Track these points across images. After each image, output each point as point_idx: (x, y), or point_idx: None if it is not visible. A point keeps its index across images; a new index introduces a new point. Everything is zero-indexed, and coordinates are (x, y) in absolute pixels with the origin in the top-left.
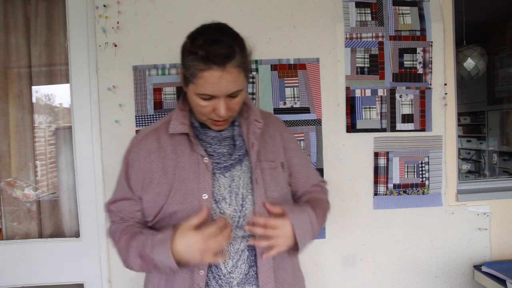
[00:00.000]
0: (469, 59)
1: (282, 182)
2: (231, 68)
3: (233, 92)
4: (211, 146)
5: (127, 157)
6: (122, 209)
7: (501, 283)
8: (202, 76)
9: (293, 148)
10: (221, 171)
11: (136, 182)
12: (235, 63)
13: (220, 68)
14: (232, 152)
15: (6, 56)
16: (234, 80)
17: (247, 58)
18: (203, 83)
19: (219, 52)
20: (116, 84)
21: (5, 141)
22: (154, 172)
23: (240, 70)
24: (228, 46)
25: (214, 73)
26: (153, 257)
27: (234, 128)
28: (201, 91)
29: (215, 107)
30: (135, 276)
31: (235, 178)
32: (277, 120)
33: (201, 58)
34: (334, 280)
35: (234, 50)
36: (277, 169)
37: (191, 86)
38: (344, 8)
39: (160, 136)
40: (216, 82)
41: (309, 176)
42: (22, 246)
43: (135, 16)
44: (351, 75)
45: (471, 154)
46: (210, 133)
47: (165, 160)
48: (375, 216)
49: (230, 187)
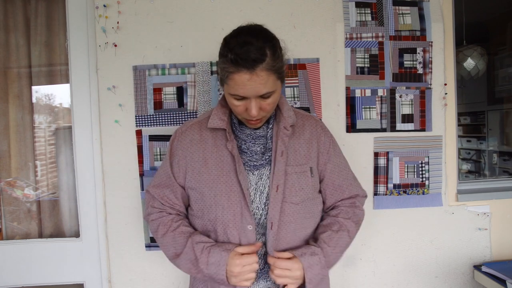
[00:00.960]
0: (469, 59)
1: (308, 187)
2: (260, 71)
3: (263, 94)
4: (246, 143)
5: (171, 146)
6: (163, 195)
7: (501, 283)
8: (232, 78)
9: (329, 154)
10: (251, 169)
11: (178, 169)
12: (264, 66)
13: (248, 71)
14: (264, 152)
15: (6, 56)
16: (264, 83)
17: (279, 60)
18: (234, 84)
19: (248, 55)
20: (116, 84)
21: (5, 141)
22: (195, 161)
23: (270, 73)
24: (258, 49)
25: (243, 76)
26: (207, 273)
27: (268, 129)
28: (233, 91)
29: (247, 107)
30: (135, 276)
31: (263, 177)
32: (317, 123)
33: (230, 61)
34: (334, 280)
35: (264, 54)
36: (305, 173)
37: (225, 86)
38: (344, 8)
39: (202, 129)
40: (246, 84)
41: (342, 186)
42: (22, 246)
43: (135, 16)
44: (351, 75)
45: (471, 154)
46: (245, 130)
47: (205, 152)
48: (375, 216)
49: (257, 185)
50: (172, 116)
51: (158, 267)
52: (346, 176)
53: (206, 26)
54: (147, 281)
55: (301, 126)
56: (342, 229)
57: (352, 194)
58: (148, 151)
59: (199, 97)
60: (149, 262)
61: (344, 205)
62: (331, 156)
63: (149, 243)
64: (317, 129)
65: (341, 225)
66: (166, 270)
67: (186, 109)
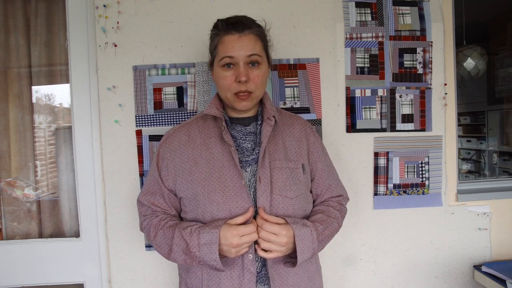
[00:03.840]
0: (469, 59)
1: (301, 183)
2: (248, 34)
3: (251, 54)
4: (237, 140)
5: (159, 150)
6: (153, 201)
7: (501, 283)
8: (222, 41)
9: (319, 153)
10: (243, 166)
11: (166, 173)
12: (252, 31)
13: (238, 32)
14: (255, 148)
15: (6, 56)
16: (252, 44)
17: (265, 34)
18: (223, 47)
19: (236, 19)
20: (116, 84)
21: (5, 141)
22: (185, 162)
23: (258, 39)
24: (245, 18)
25: (232, 37)
26: (199, 256)
27: (258, 125)
28: (222, 54)
29: (236, 75)
30: (135, 276)
31: (255, 173)
32: (305, 123)
33: (221, 27)
34: (334, 280)
35: (252, 22)
36: (297, 170)
37: (215, 62)
38: (344, 8)
39: (190, 130)
40: (235, 43)
41: (331, 185)
42: (22, 246)
43: (135, 16)
44: (351, 75)
45: (471, 154)
46: (236, 127)
47: (194, 151)
48: (375, 216)
49: (250, 182)
50: (172, 116)
51: (158, 267)
52: (334, 177)
53: (206, 26)
54: (147, 281)
55: (291, 124)
56: (332, 216)
57: (339, 194)
58: (148, 151)
59: (199, 97)
60: (149, 262)
61: (333, 201)
62: (321, 156)
63: (149, 243)
64: (306, 128)
65: (331, 212)
66: (166, 270)
67: (186, 109)
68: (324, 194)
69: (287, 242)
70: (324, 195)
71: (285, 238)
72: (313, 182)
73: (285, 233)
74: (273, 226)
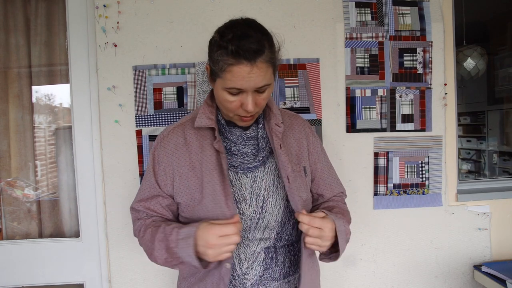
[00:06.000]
0: (469, 59)
1: (307, 187)
2: (260, 63)
3: (261, 86)
4: (236, 145)
5: (154, 153)
6: (149, 206)
7: (501, 283)
8: (231, 70)
9: (318, 153)
10: (244, 172)
11: (164, 177)
12: (264, 58)
13: (249, 62)
14: (257, 153)
15: (6, 56)
16: (263, 75)
17: (276, 54)
18: (232, 77)
19: (249, 47)
20: (116, 84)
21: (5, 141)
22: (182, 167)
23: (269, 66)
24: (257, 41)
25: (243, 68)
26: (177, 252)
27: (259, 129)
28: (230, 85)
29: (242, 102)
30: (135, 276)
31: (257, 179)
32: (304, 122)
33: (230, 53)
34: (334, 280)
35: (263, 45)
36: (300, 173)
37: (219, 81)
38: (344, 8)
39: (186, 132)
40: (245, 76)
41: (332, 184)
42: (22, 246)
43: (135, 16)
44: (351, 75)
45: (471, 154)
46: (235, 132)
47: (191, 155)
48: (375, 216)
49: (252, 188)
50: (172, 116)
51: (158, 267)
52: (334, 175)
53: (206, 26)
54: (147, 281)
55: (290, 125)
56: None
57: (340, 191)
58: (148, 151)
59: (199, 97)
60: (149, 262)
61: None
62: (320, 155)
63: None
64: (305, 128)
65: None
66: (166, 269)
67: (186, 109)
68: (326, 193)
69: (332, 236)
70: (327, 195)
71: (330, 233)
72: (313, 182)
73: (330, 227)
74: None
